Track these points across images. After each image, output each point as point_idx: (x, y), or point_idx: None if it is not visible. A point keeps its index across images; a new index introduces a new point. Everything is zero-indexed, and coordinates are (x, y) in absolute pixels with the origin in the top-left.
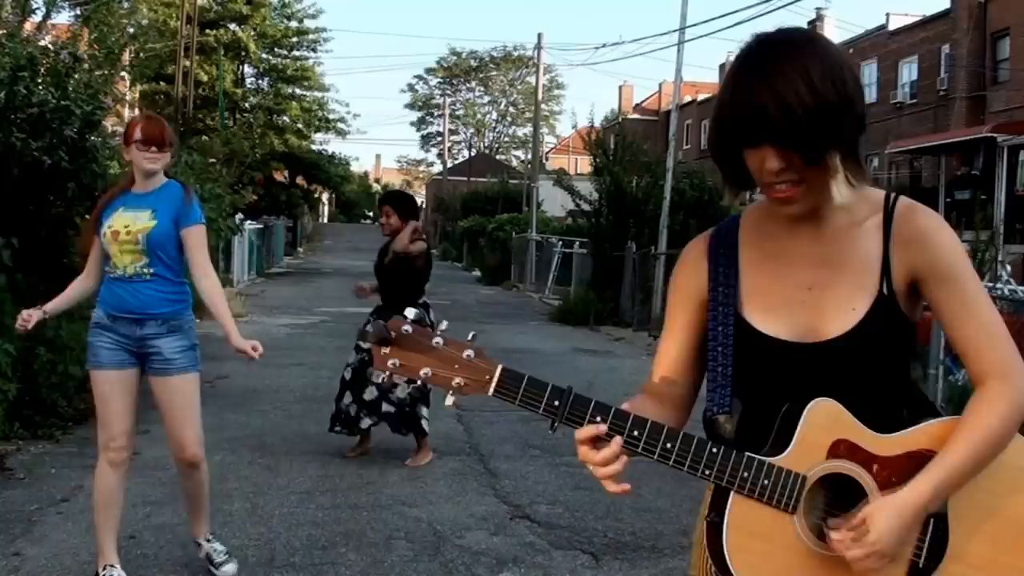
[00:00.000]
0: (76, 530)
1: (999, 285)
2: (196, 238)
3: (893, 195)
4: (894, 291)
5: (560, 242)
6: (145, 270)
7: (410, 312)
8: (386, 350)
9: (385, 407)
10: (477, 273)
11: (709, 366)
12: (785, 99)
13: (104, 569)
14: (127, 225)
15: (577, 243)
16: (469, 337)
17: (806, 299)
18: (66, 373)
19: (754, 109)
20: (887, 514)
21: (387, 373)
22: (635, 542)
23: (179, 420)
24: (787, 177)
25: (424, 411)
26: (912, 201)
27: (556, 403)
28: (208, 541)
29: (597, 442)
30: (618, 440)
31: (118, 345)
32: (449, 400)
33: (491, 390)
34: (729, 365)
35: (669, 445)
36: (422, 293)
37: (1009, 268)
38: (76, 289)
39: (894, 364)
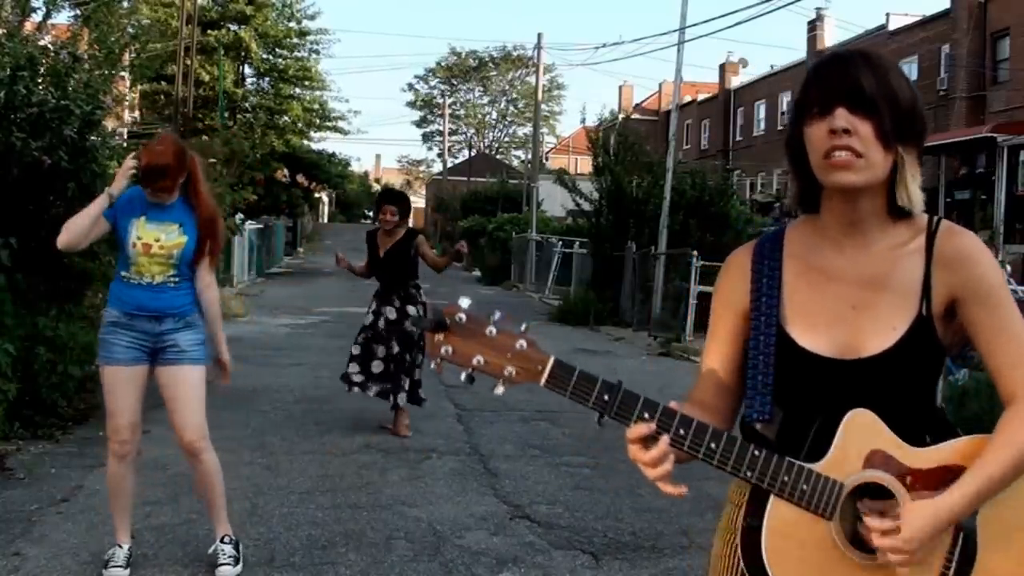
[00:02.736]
0: (76, 530)
1: None
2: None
3: (936, 218)
4: (932, 313)
5: (560, 242)
6: (173, 279)
7: (464, 300)
8: (440, 337)
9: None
10: (477, 273)
11: (749, 374)
12: (867, 68)
13: (112, 547)
14: (158, 239)
15: (577, 243)
16: (522, 328)
17: (848, 317)
18: (66, 373)
19: (834, 76)
20: (922, 515)
21: (439, 360)
22: (635, 542)
23: (182, 406)
24: (849, 142)
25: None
26: (953, 224)
27: (606, 397)
28: (223, 541)
29: (647, 442)
30: (665, 439)
31: (133, 342)
32: (499, 390)
33: (543, 381)
34: (770, 374)
35: (713, 445)
36: (416, 276)
37: (1009, 268)
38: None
39: (924, 385)
